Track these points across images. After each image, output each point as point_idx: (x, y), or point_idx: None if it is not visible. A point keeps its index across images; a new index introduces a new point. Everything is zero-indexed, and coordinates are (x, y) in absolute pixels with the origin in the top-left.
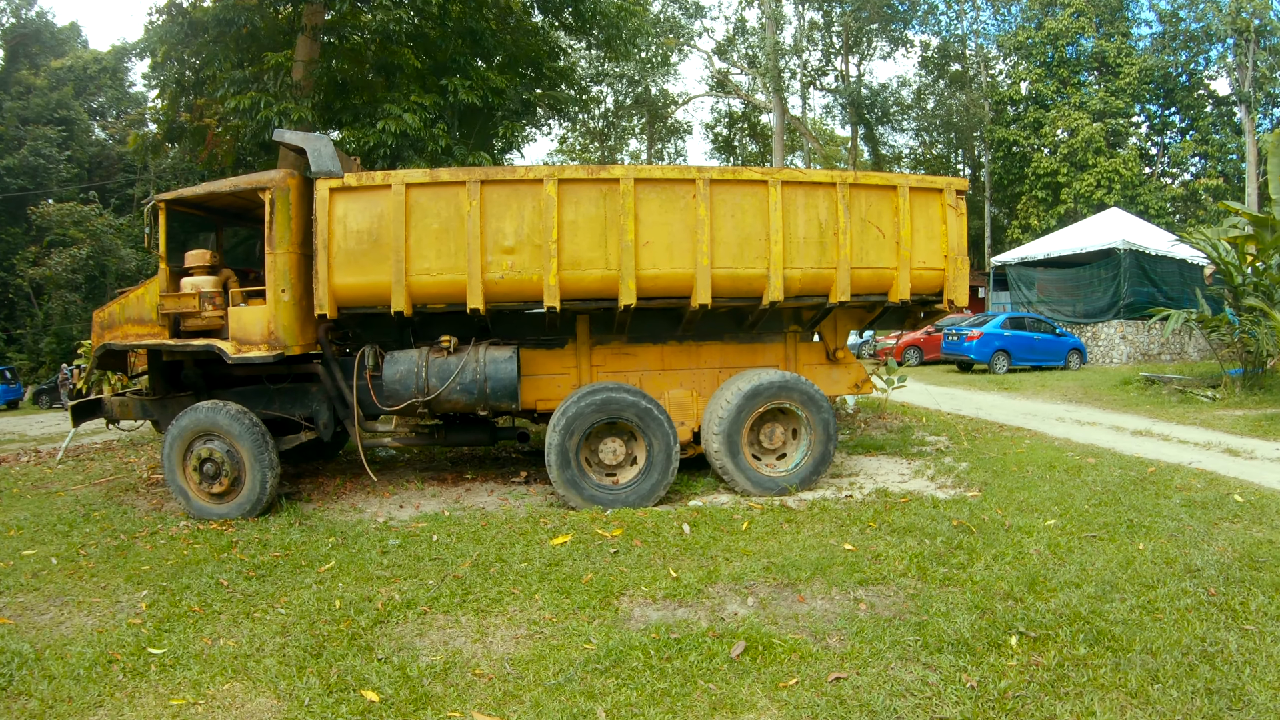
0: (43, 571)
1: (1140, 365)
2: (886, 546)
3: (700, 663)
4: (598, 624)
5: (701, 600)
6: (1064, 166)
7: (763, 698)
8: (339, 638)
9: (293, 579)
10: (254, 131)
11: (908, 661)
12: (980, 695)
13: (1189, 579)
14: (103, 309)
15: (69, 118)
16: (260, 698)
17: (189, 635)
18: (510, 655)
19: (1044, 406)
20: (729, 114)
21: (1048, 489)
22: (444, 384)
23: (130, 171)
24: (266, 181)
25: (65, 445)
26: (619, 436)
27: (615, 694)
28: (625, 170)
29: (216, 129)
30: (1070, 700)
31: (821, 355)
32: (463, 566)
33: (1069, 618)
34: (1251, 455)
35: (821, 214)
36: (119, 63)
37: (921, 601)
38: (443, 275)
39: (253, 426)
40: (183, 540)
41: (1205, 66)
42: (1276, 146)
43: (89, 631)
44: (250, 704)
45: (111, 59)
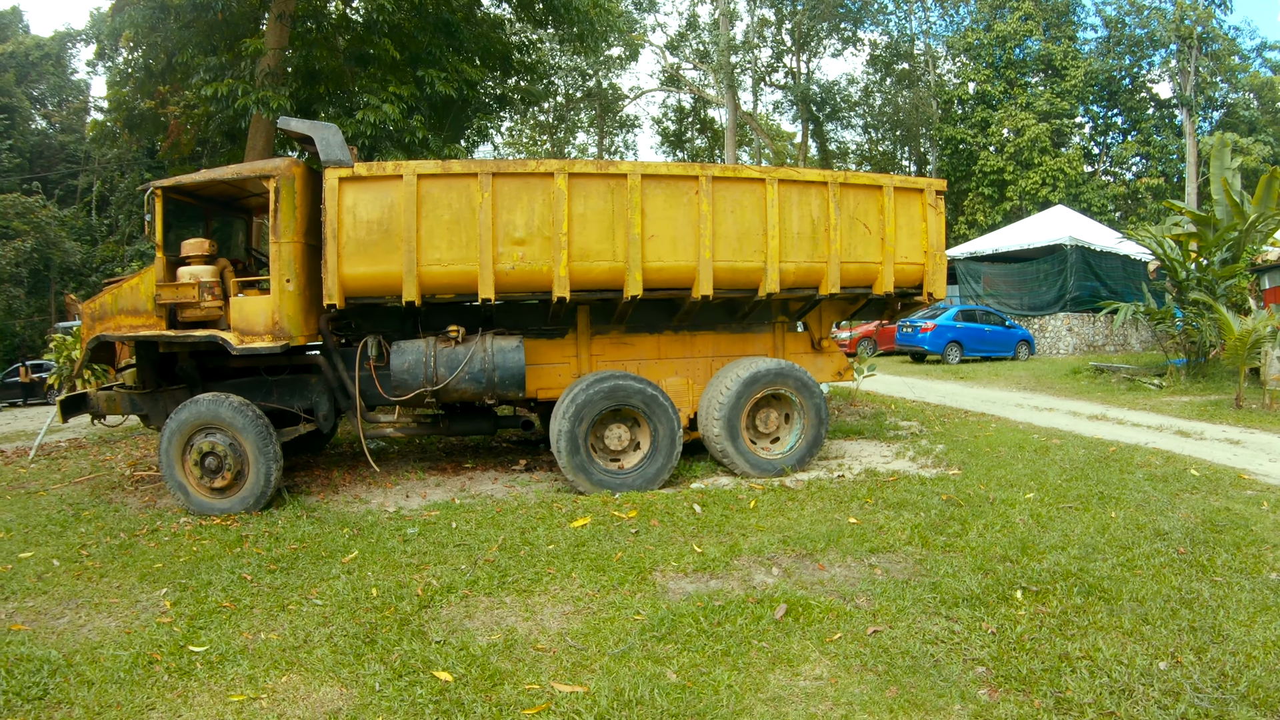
0: (47, 574)
1: (1086, 356)
2: (886, 519)
3: (748, 625)
4: (640, 597)
5: (730, 572)
6: (1010, 165)
7: (814, 651)
8: (387, 624)
9: (317, 570)
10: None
11: (931, 615)
12: (1001, 639)
13: (1159, 541)
14: (93, 300)
15: (10, 105)
16: (324, 687)
17: (227, 631)
18: (565, 630)
19: (1001, 394)
20: (679, 109)
21: (1021, 467)
22: (453, 373)
23: (73, 162)
24: (271, 170)
25: (38, 443)
26: (623, 423)
27: (678, 657)
28: (632, 166)
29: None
30: (1077, 640)
31: (807, 344)
32: (490, 551)
33: (1062, 574)
34: (1201, 436)
35: (814, 211)
36: (62, 49)
37: (929, 565)
38: (454, 266)
39: (256, 419)
40: (187, 536)
41: (1148, 70)
42: (1219, 150)
43: (115, 633)
44: (314, 694)
45: (55, 45)
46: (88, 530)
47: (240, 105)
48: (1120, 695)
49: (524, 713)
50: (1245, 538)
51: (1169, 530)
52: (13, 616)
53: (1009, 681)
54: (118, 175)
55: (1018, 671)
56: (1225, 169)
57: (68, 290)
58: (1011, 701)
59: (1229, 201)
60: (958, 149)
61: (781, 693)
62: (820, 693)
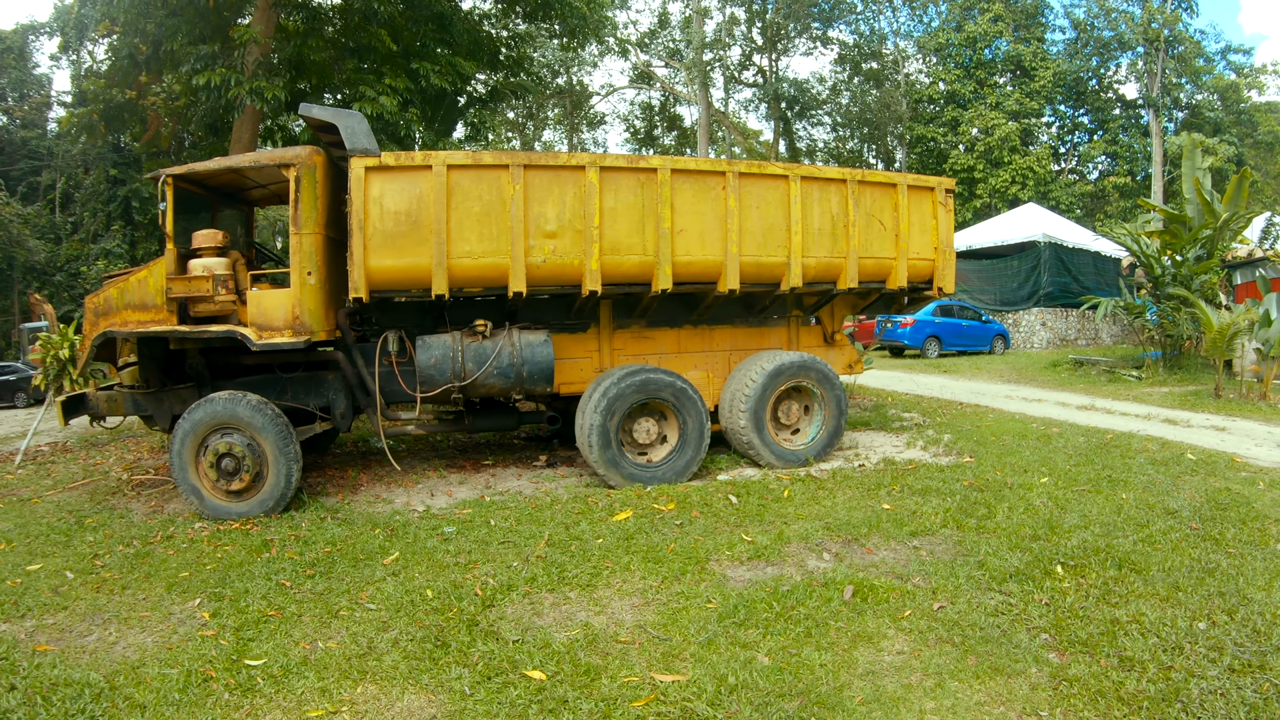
0: (62, 588)
1: (1060, 350)
2: (917, 505)
3: (820, 607)
4: (705, 586)
5: (784, 559)
6: (980, 163)
7: (889, 628)
8: (454, 626)
9: (358, 574)
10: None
11: (985, 590)
12: (1054, 609)
13: (1171, 519)
14: (96, 294)
15: None
16: (407, 695)
17: (280, 641)
18: (641, 622)
19: (988, 386)
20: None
21: (1029, 454)
22: (481, 369)
23: (35, 158)
24: (292, 158)
25: (24, 448)
26: (651, 416)
27: (764, 641)
28: (662, 160)
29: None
30: (1121, 607)
31: (820, 338)
32: (538, 547)
33: (1092, 551)
34: (1188, 424)
35: (833, 207)
36: (24, 43)
37: (969, 546)
38: (484, 258)
39: (276, 418)
40: (206, 542)
41: (1114, 71)
42: (1190, 151)
43: (155, 650)
44: (398, 704)
45: (16, 39)
46: (96, 539)
47: (233, 95)
48: (1172, 652)
49: (631, 705)
50: (1248, 514)
51: (1178, 509)
52: (34, 636)
53: (1072, 645)
54: (81, 172)
55: (1077, 636)
56: (1196, 169)
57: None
58: (1080, 662)
59: (1200, 200)
60: (928, 147)
61: (872, 668)
62: (907, 665)
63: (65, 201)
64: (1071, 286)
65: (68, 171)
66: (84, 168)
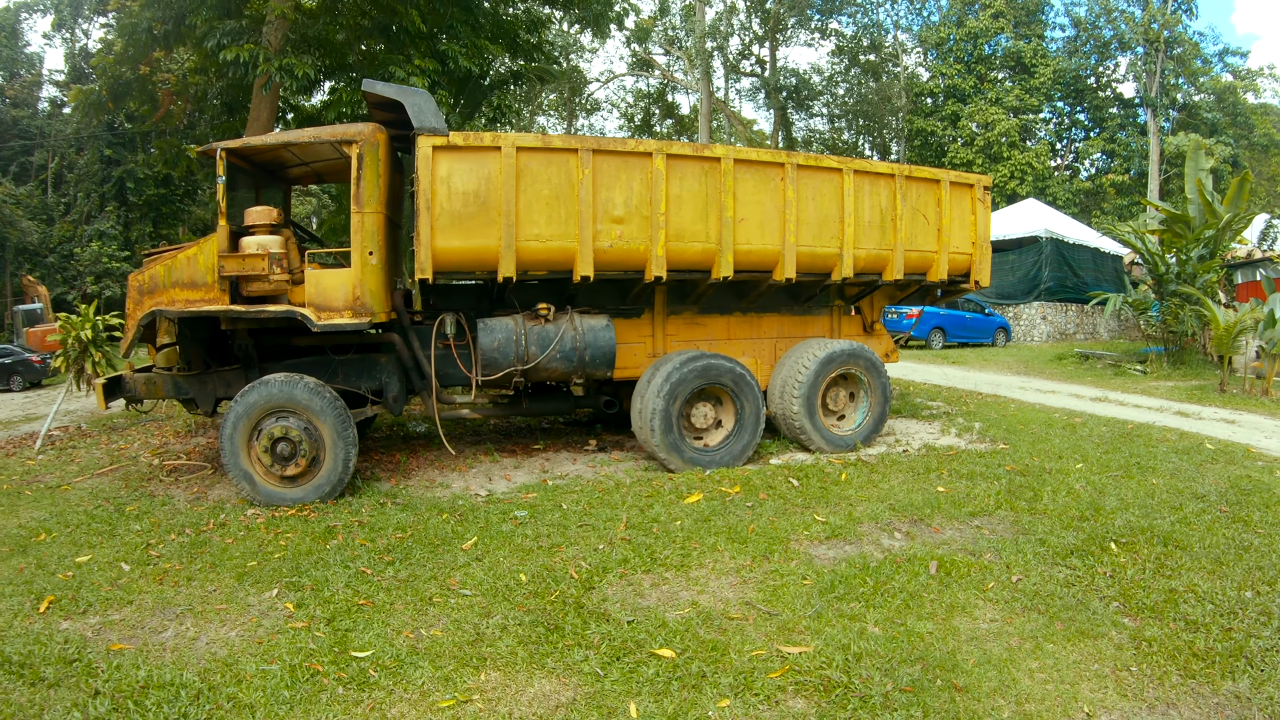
0: (120, 580)
1: (1060, 343)
2: (968, 488)
3: (910, 581)
4: (795, 564)
5: (860, 538)
6: (979, 158)
7: (977, 599)
8: (560, 609)
9: (437, 559)
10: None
11: (1052, 565)
12: (1118, 580)
13: (1200, 502)
14: (141, 271)
15: None
16: (536, 680)
17: (380, 631)
18: (747, 599)
19: (1000, 378)
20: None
21: (1059, 442)
22: (544, 352)
23: (27, 138)
24: (354, 135)
25: (44, 433)
26: (708, 401)
27: (868, 612)
28: (726, 150)
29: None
30: (1174, 578)
31: (859, 327)
32: (618, 530)
33: (1137, 530)
34: (1199, 417)
35: (882, 201)
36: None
37: (1025, 525)
38: (553, 242)
39: (334, 400)
40: (264, 530)
41: (1113, 70)
42: (1194, 152)
43: (243, 644)
44: (529, 689)
45: (8, 17)
46: (143, 527)
47: (261, 71)
48: (1229, 616)
49: (769, 676)
50: (1270, 499)
51: (1205, 493)
52: (102, 634)
53: (1142, 611)
54: (74, 152)
55: (1143, 604)
56: (1199, 170)
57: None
58: (1152, 626)
59: (1202, 201)
60: (927, 140)
61: (973, 634)
62: (1003, 632)
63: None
64: (1068, 281)
65: (60, 151)
66: (77, 148)
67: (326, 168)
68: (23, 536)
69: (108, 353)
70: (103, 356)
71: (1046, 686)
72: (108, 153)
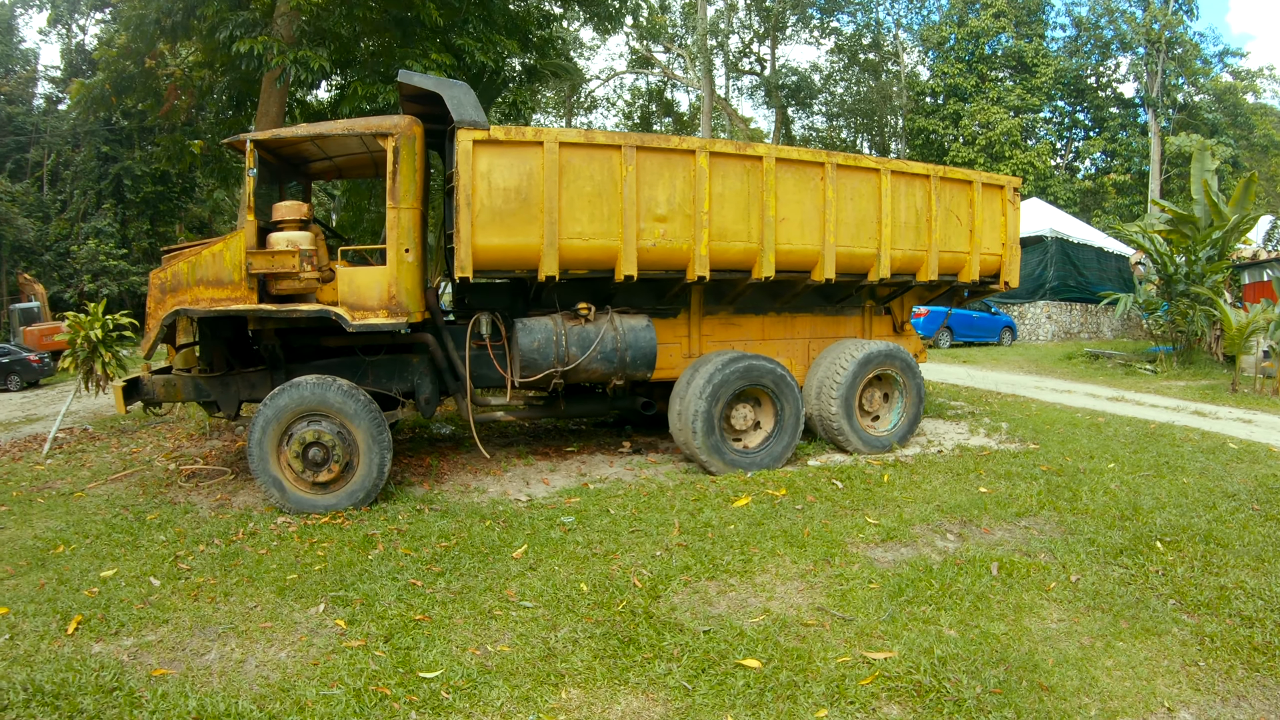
0: (151, 597)
1: (1064, 342)
2: (1009, 489)
3: (974, 583)
4: (857, 568)
5: (914, 540)
6: (980, 157)
7: (1040, 600)
8: (629, 620)
9: (489, 569)
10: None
11: (1105, 564)
12: (1169, 578)
13: (1232, 501)
14: (162, 269)
15: None
16: (623, 696)
17: (444, 648)
18: (817, 604)
19: (1014, 377)
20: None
21: (1087, 442)
22: (585, 353)
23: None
24: (390, 127)
25: (52, 437)
26: (747, 402)
27: (940, 615)
28: (768, 149)
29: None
30: (1222, 575)
31: (889, 328)
32: (672, 535)
33: (1178, 529)
34: (1216, 417)
35: (918, 202)
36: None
37: (1072, 525)
38: (595, 240)
39: (369, 404)
40: (297, 540)
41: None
42: (1199, 153)
43: (297, 666)
44: (616, 706)
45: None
46: (167, 538)
47: (276, 64)
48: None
49: (861, 683)
50: None
51: (1235, 492)
52: (140, 657)
53: (1198, 608)
54: (70, 149)
55: (1197, 601)
56: (1205, 171)
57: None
58: (1211, 621)
59: (1209, 202)
60: (929, 139)
61: (1045, 634)
62: (1073, 631)
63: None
64: (1072, 280)
65: (56, 148)
66: (73, 144)
67: (349, 162)
68: (40, 549)
69: (117, 353)
70: (112, 356)
71: (1124, 684)
72: (105, 149)
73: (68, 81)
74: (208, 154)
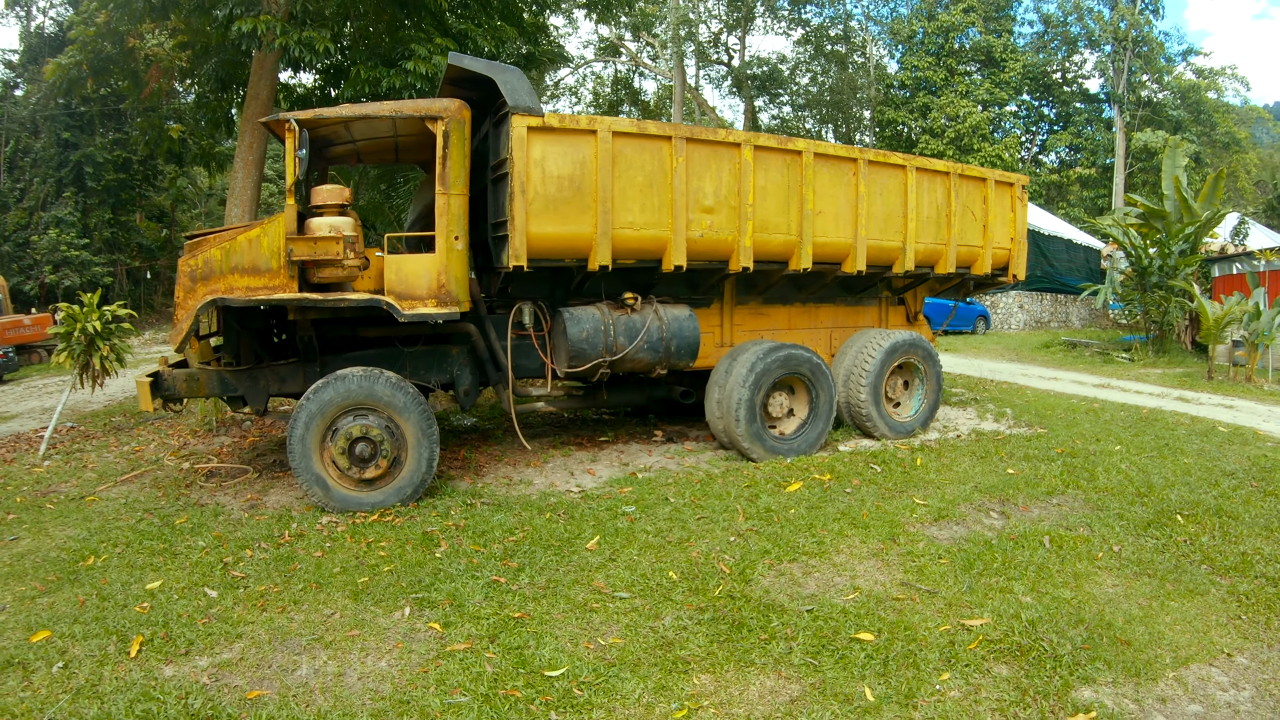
0: (214, 610)
1: (1035, 331)
2: (1032, 470)
3: (1032, 555)
4: (923, 545)
5: (963, 519)
6: (949, 149)
7: (1093, 569)
8: (730, 604)
9: (566, 562)
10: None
11: (1137, 536)
12: (1196, 546)
13: (1232, 479)
14: (192, 256)
15: None
16: (754, 677)
17: (556, 645)
18: (900, 580)
19: (998, 365)
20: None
21: (1089, 426)
22: (632, 343)
23: None
24: (440, 110)
25: (48, 437)
26: (782, 390)
27: (1013, 583)
28: (806, 144)
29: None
30: (1240, 543)
31: (904, 318)
32: (737, 521)
33: (1191, 504)
34: (1199, 402)
35: (938, 197)
36: None
37: (1098, 502)
38: (646, 230)
39: (417, 396)
40: (350, 540)
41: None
42: (1171, 151)
43: (404, 676)
44: (751, 686)
45: None
46: (208, 544)
47: (279, 44)
48: None
49: (969, 648)
50: None
51: (1234, 471)
52: (222, 678)
53: (1227, 571)
54: (29, 136)
55: (1225, 565)
56: (1177, 168)
57: None
58: (1243, 582)
59: (1179, 198)
60: (896, 131)
61: (1108, 597)
62: (1129, 594)
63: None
64: (1039, 270)
65: (15, 135)
66: (33, 131)
67: (371, 147)
68: (66, 561)
69: (115, 345)
70: (110, 350)
71: (1185, 636)
72: (65, 136)
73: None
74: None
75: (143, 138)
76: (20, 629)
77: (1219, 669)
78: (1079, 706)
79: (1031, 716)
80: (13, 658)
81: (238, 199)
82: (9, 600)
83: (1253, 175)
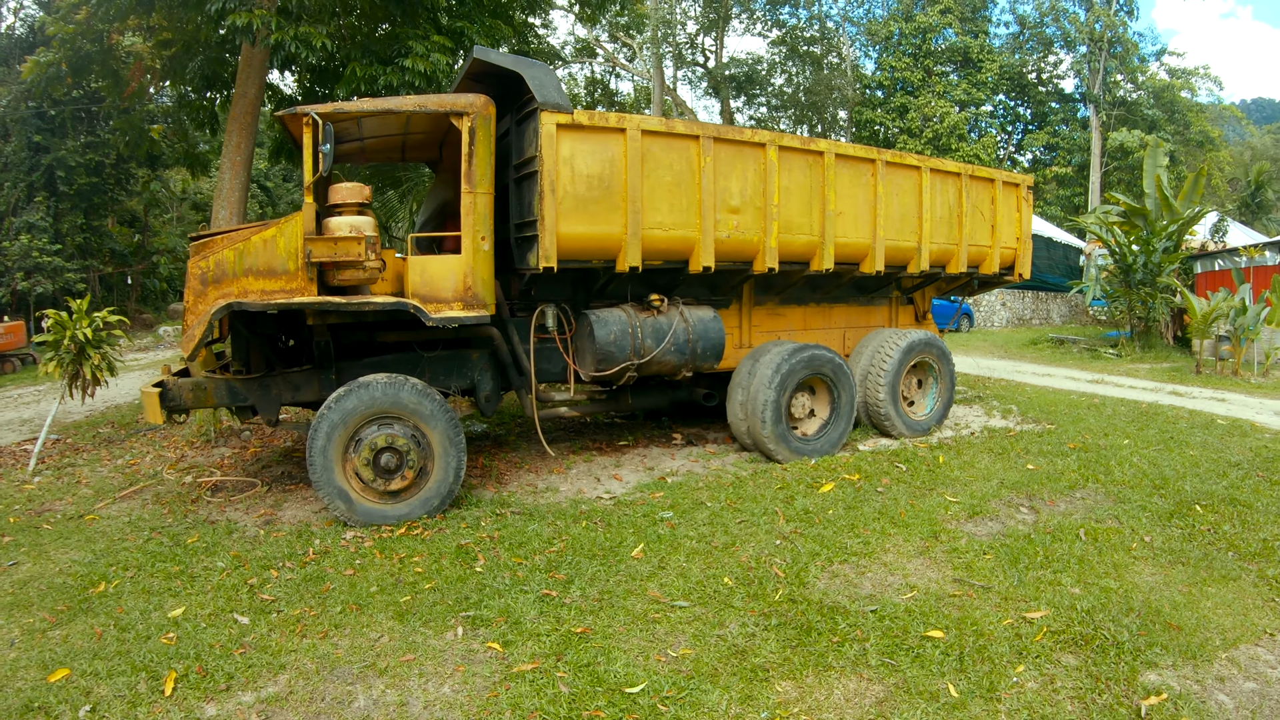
0: (248, 638)
1: (1018, 328)
2: (1050, 465)
3: (1071, 548)
4: (964, 542)
5: (995, 514)
6: (927, 149)
7: (1129, 559)
8: (792, 608)
9: (614, 571)
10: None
11: (1164, 526)
12: (1219, 534)
13: (1238, 470)
14: (203, 257)
15: None
16: (836, 679)
17: (626, 660)
18: (952, 577)
19: (992, 362)
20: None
21: (1093, 421)
22: (659, 345)
23: None
24: (465, 106)
25: (37, 452)
26: (804, 391)
27: (1060, 576)
28: (828, 145)
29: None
30: (1258, 531)
31: (912, 317)
32: (779, 524)
33: (1205, 494)
34: (1192, 396)
35: (950, 198)
36: None
37: (1119, 495)
38: (674, 230)
39: (444, 404)
40: (380, 556)
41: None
42: (1152, 151)
43: (474, 703)
44: (837, 689)
45: None
46: (227, 565)
47: (275, 40)
48: None
49: (1035, 639)
50: None
51: (1239, 462)
52: (271, 715)
53: (1253, 557)
54: None
55: (1249, 551)
56: (1158, 167)
57: None
58: (1270, 567)
59: (1159, 196)
60: (874, 131)
61: (1151, 585)
62: (1168, 582)
63: None
64: None
65: None
66: (2, 134)
67: (378, 145)
68: (74, 587)
69: (106, 353)
70: (101, 358)
71: (1229, 619)
72: (37, 139)
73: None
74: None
75: (122, 139)
76: (35, 667)
77: (1264, 649)
78: (1149, 690)
79: (1108, 702)
80: (31, 701)
81: (225, 201)
82: (17, 634)
83: (1226, 173)
